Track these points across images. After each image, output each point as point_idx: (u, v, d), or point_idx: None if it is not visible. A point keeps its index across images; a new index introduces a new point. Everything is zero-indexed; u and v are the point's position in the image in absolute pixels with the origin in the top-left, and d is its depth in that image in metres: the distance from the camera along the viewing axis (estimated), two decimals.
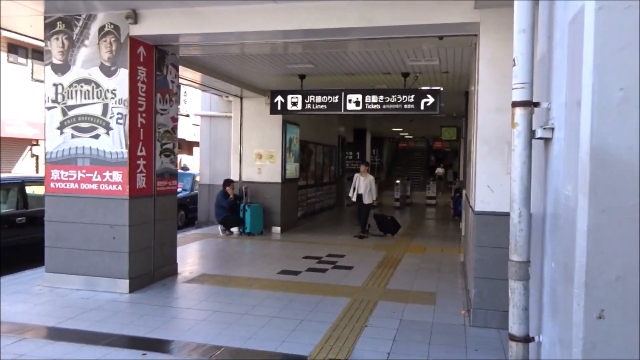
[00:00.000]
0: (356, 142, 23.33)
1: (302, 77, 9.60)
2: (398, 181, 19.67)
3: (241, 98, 12.02)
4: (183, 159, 26.27)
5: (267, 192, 11.84)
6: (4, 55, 16.45)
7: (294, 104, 9.41)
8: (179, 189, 14.64)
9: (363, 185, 11.41)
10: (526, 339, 2.70)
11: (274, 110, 9.57)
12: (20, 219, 8.23)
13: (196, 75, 9.63)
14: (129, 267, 6.23)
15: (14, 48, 16.98)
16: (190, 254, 9.10)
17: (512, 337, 2.70)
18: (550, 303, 2.48)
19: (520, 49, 3.19)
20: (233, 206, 11.32)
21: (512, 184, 3.21)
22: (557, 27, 2.81)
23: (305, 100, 9.34)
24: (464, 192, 11.11)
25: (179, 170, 18.32)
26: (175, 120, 7.20)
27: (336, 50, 7.29)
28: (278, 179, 11.86)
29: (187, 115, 28.42)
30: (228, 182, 11.41)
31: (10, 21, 6.55)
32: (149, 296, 6.16)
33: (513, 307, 2.74)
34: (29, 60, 17.78)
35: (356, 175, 11.74)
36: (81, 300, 5.90)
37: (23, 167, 17.75)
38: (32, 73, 18.02)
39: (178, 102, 7.27)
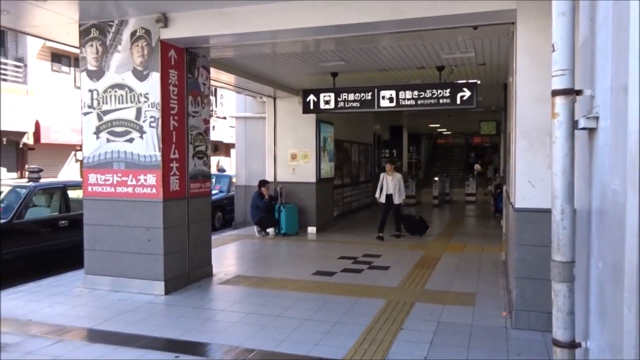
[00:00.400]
0: (393, 139, 23.00)
1: (334, 75, 9.48)
2: (436, 178, 19.28)
3: (274, 98, 12.01)
4: (220, 160, 26.59)
5: (302, 192, 11.79)
6: (49, 64, 17.03)
7: (327, 102, 9.31)
8: (215, 191, 14.99)
9: (392, 184, 10.89)
10: (572, 345, 2.50)
11: (306, 109, 9.49)
12: (63, 222, 8.45)
13: (229, 77, 9.68)
14: (164, 269, 6.27)
15: (57, 57, 17.57)
16: (226, 256, 9.13)
17: (557, 343, 2.51)
18: (598, 306, 2.28)
19: (560, 33, 2.98)
20: (268, 207, 11.32)
21: (553, 179, 3.02)
22: (600, 6, 2.59)
23: (338, 99, 9.22)
24: (504, 188, 10.73)
25: (216, 172, 18.57)
26: (207, 122, 7.21)
27: (368, 45, 7.13)
28: (313, 179, 11.79)
29: (224, 118, 28.76)
30: (263, 182, 11.41)
31: (47, 29, 6.71)
32: (184, 298, 6.19)
33: (557, 310, 2.55)
34: (72, 69, 18.36)
35: (382, 174, 11.11)
36: (119, 302, 5.98)
37: (68, 172, 18.36)
38: (74, 81, 18.63)
39: (209, 104, 7.28)
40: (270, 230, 11.52)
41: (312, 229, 11.81)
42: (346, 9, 5.52)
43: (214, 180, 16.24)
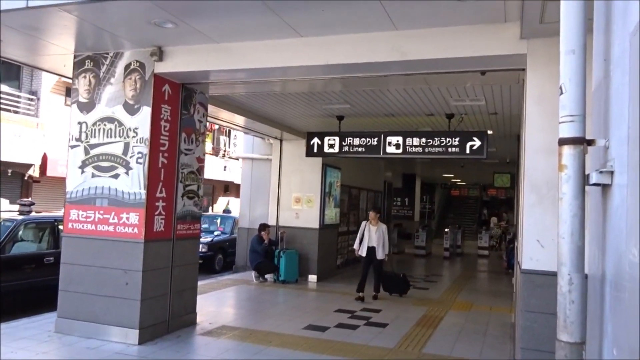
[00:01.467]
0: (405, 187, 22.58)
1: (340, 118, 9.20)
2: (447, 230, 18.67)
3: (281, 140, 11.76)
4: (230, 201, 26.32)
5: (305, 237, 11.32)
6: (62, 98, 17.16)
7: (331, 146, 8.99)
8: (218, 232, 14.61)
9: (375, 236, 9.31)
10: None
11: (310, 152, 9.17)
12: (49, 258, 8.07)
13: (235, 117, 9.46)
14: (139, 315, 5.80)
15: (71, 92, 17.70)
16: (217, 302, 8.62)
17: None
18: None
19: (569, 73, 2.61)
20: (268, 252, 10.86)
21: (560, 242, 2.58)
22: (615, 43, 2.20)
23: (343, 143, 8.90)
24: (516, 242, 10.15)
25: (221, 213, 18.25)
26: (201, 161, 6.90)
27: (371, 88, 6.84)
28: (316, 225, 11.34)
29: (237, 159, 28.74)
30: (263, 226, 11.00)
31: (44, 60, 6.56)
32: (158, 349, 5.68)
33: None
34: None
35: (364, 223, 9.52)
36: (86, 351, 5.50)
37: None
38: None
39: (204, 142, 6.99)
40: (269, 276, 11.00)
41: (312, 277, 11.26)
42: (344, 47, 5.25)
43: (218, 221, 15.97)
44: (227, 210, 18.35)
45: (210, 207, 26.32)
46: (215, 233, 14.19)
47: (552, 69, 4.51)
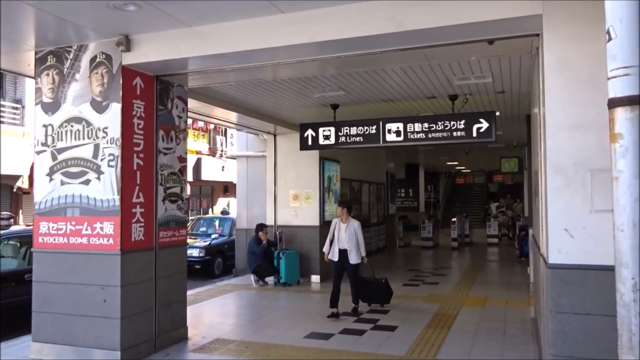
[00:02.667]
0: (408, 178, 21.93)
1: (334, 107, 8.56)
2: (455, 219, 18.04)
3: (274, 135, 11.14)
4: (230, 202, 25.74)
5: (305, 236, 10.71)
6: None
7: (327, 137, 8.36)
8: (215, 235, 14.02)
9: (346, 235, 7.44)
10: None
11: (304, 145, 8.55)
12: (29, 275, 7.48)
13: (224, 113, 8.84)
14: (120, 335, 5.20)
15: None
16: (212, 311, 8.03)
17: None
18: None
19: (619, 12, 2.03)
20: (267, 253, 10.25)
21: (617, 236, 2.00)
22: None
23: (339, 133, 8.27)
24: (530, 231, 9.52)
25: (219, 215, 17.66)
26: (183, 160, 6.29)
27: (366, 68, 6.19)
28: (316, 222, 10.72)
29: (235, 158, 28.16)
30: (261, 226, 10.39)
31: (6, 61, 5.95)
32: None
33: None
34: None
35: (335, 221, 7.75)
36: None
37: None
38: None
39: (186, 139, 6.37)
40: (270, 279, 10.41)
41: (315, 278, 10.66)
42: (332, 22, 4.61)
43: (217, 223, 15.38)
44: (225, 212, 17.73)
45: (210, 209, 25.76)
46: (213, 236, 13.62)
47: (574, 29, 3.88)
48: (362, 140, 8.10)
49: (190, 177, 23.39)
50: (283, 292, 9.64)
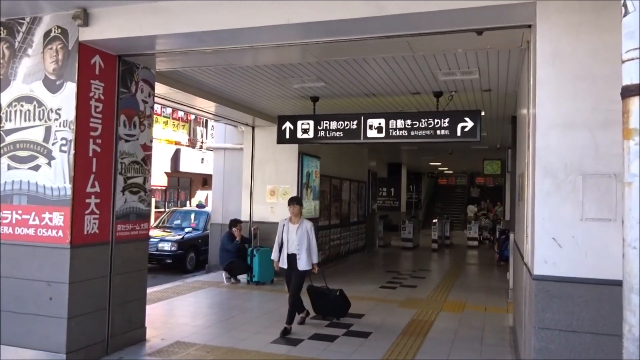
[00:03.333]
0: (391, 177, 21.65)
1: (314, 99, 8.17)
2: (435, 220, 17.79)
3: (253, 127, 10.71)
4: (210, 195, 25.18)
5: None
6: None
7: (305, 131, 7.96)
8: (189, 228, 13.54)
9: (296, 238, 6.47)
10: None
11: (281, 138, 8.14)
12: None
13: (199, 101, 8.38)
14: (66, 337, 4.75)
15: None
16: (177, 310, 7.59)
17: None
18: None
19: None
20: (240, 250, 9.83)
21: (626, 254, 1.65)
22: None
23: (318, 127, 7.88)
24: (511, 235, 9.25)
25: (194, 208, 17.13)
26: (148, 149, 5.83)
27: (347, 57, 5.79)
28: None
29: (212, 150, 27.60)
30: (235, 222, 9.97)
31: None
32: None
33: None
34: None
35: (283, 221, 6.72)
36: None
37: None
38: None
39: (151, 126, 5.92)
40: (242, 277, 9.99)
41: None
42: (312, 3, 4.22)
43: (192, 216, 14.88)
44: (200, 205, 17.20)
45: (188, 202, 25.19)
46: (187, 230, 13.15)
47: (570, 18, 3.55)
48: (342, 135, 7.73)
49: (168, 168, 22.78)
50: (255, 291, 9.23)
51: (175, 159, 23.11)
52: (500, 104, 8.49)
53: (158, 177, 21.86)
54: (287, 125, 8.06)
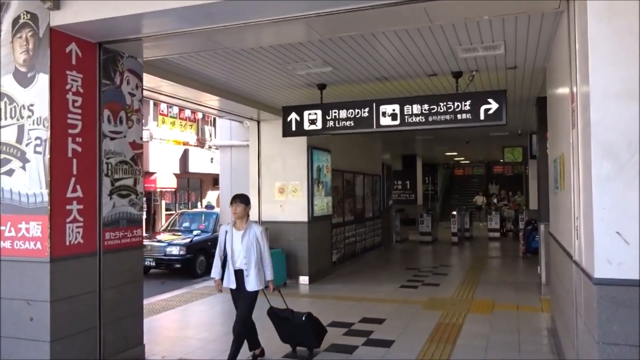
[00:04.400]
0: (405, 170, 20.95)
1: (321, 87, 7.52)
2: (454, 213, 17.06)
3: (258, 122, 10.11)
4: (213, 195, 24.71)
5: (291, 233, 9.70)
6: None
7: (313, 122, 7.33)
8: (198, 231, 12.99)
9: (242, 248, 5.01)
10: None
11: (287, 131, 7.52)
12: None
13: (197, 94, 7.78)
14: None
15: None
16: (182, 321, 7.04)
17: None
18: None
19: None
20: None
21: None
22: None
23: (327, 117, 7.24)
24: (540, 225, 8.54)
25: (203, 209, 16.61)
26: (137, 147, 5.25)
27: (355, 32, 5.10)
28: (304, 217, 9.71)
29: (218, 148, 27.07)
30: None
31: None
32: None
33: None
34: None
35: (224, 228, 5.23)
36: None
37: None
38: None
39: (141, 122, 5.34)
40: None
41: (303, 279, 9.67)
42: None
43: (202, 218, 14.34)
44: (209, 206, 16.68)
45: (199, 203, 24.72)
46: (195, 232, 12.62)
47: None
48: (352, 124, 7.08)
49: (177, 169, 22.31)
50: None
51: (184, 159, 22.62)
52: (525, 85, 7.76)
53: (167, 179, 21.40)
54: (293, 116, 7.44)
